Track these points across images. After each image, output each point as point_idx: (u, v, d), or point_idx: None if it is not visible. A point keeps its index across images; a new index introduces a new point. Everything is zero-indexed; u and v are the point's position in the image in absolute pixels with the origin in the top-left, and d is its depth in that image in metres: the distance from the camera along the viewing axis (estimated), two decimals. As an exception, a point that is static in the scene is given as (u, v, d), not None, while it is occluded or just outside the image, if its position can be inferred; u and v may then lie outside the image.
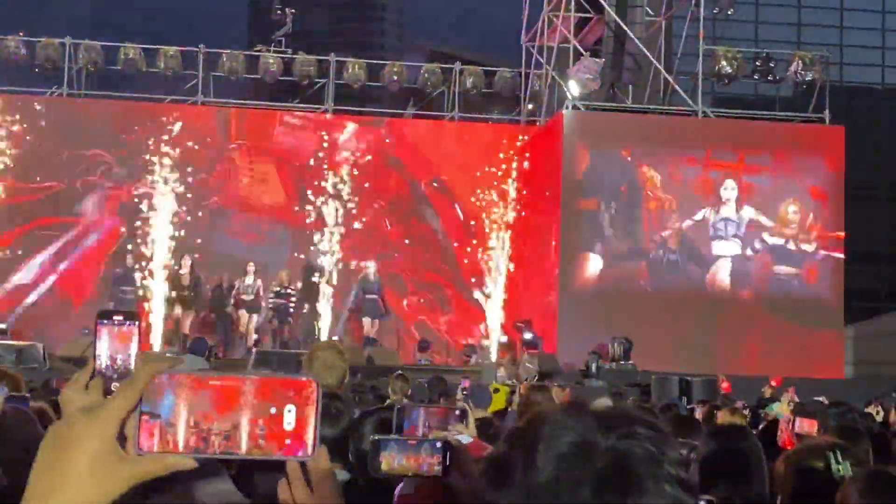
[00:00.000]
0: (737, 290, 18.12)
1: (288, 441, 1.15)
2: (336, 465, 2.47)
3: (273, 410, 1.15)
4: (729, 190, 18.10)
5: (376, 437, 1.95)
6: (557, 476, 1.15)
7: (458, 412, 2.68)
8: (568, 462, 1.15)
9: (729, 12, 20.55)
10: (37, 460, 1.19)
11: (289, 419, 1.15)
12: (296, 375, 1.20)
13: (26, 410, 3.16)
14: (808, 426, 4.23)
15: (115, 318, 1.71)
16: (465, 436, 2.50)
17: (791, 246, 18.30)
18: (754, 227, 18.23)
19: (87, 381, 1.69)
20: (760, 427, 6.42)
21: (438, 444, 1.92)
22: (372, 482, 2.28)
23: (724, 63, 19.36)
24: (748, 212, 18.19)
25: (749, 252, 18.25)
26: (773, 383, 12.27)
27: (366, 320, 17.80)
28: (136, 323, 1.75)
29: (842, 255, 18.43)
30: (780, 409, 8.77)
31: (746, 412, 8.54)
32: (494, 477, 1.20)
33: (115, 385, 1.68)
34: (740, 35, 21.37)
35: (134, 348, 1.73)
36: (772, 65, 19.95)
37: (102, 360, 1.70)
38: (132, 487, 1.15)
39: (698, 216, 18.12)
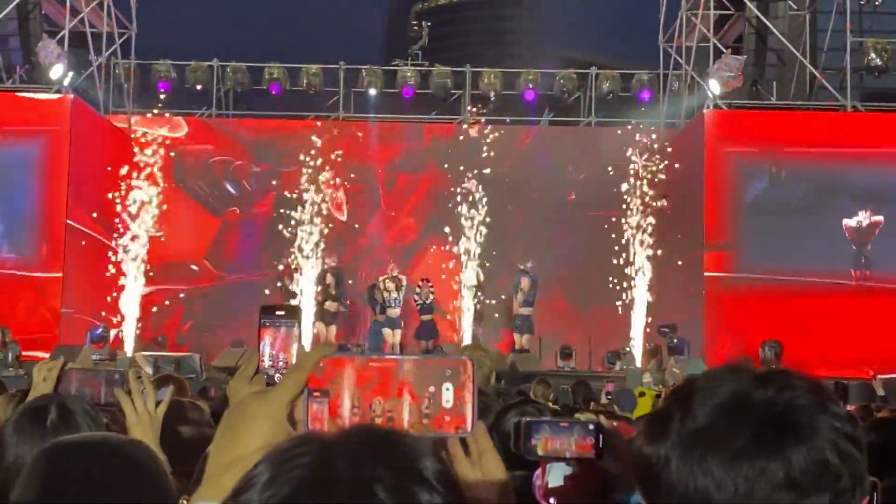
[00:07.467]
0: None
1: (447, 419, 1.18)
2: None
3: (432, 389, 1.19)
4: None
5: (528, 420, 1.91)
6: (713, 423, 1.16)
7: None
8: (726, 410, 1.16)
9: (877, 3, 19.74)
10: (214, 441, 1.26)
11: (447, 397, 1.18)
12: (452, 356, 1.24)
13: (187, 406, 3.31)
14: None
15: (277, 313, 1.76)
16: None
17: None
18: None
19: (252, 373, 1.78)
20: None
21: (591, 426, 1.90)
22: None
23: (873, 55, 18.58)
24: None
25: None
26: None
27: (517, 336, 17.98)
28: (298, 321, 1.80)
29: None
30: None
31: (908, 414, 8.16)
32: (652, 432, 1.21)
33: (277, 377, 1.75)
34: (889, 27, 20.41)
35: (295, 346, 1.77)
36: (925, 54, 19.03)
37: (265, 360, 1.76)
38: None
39: (853, 221, 17.48)
